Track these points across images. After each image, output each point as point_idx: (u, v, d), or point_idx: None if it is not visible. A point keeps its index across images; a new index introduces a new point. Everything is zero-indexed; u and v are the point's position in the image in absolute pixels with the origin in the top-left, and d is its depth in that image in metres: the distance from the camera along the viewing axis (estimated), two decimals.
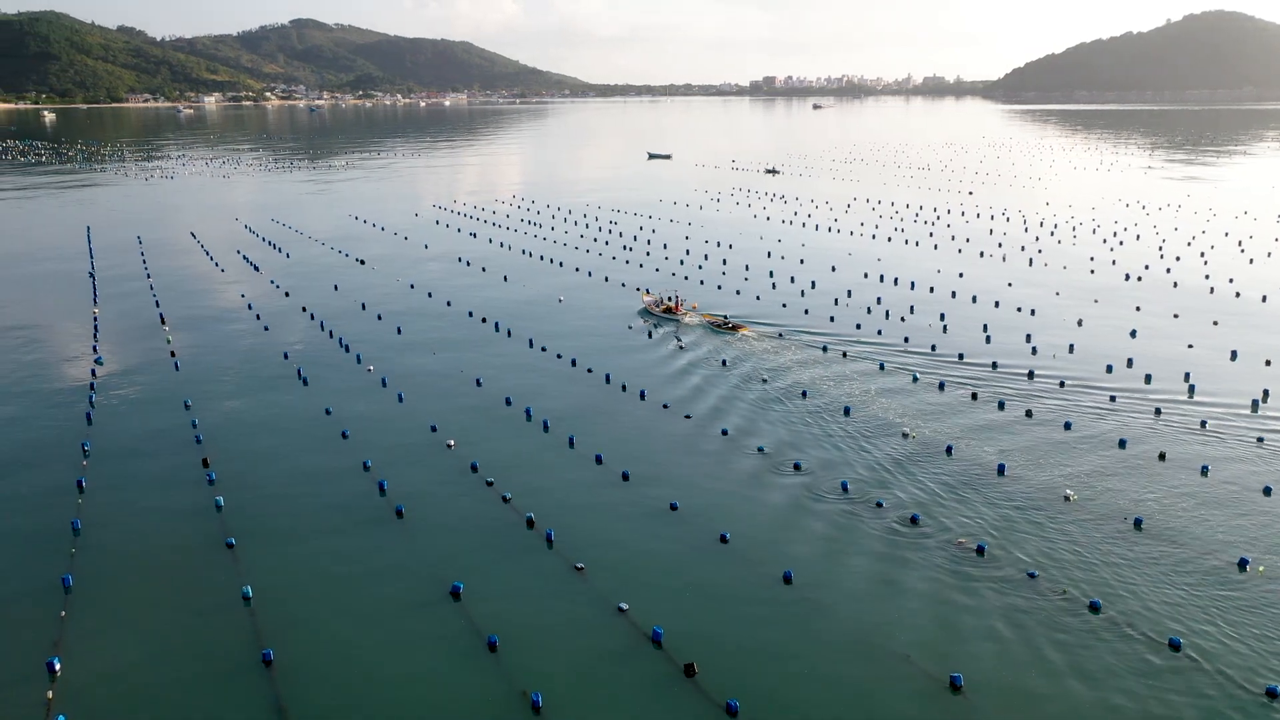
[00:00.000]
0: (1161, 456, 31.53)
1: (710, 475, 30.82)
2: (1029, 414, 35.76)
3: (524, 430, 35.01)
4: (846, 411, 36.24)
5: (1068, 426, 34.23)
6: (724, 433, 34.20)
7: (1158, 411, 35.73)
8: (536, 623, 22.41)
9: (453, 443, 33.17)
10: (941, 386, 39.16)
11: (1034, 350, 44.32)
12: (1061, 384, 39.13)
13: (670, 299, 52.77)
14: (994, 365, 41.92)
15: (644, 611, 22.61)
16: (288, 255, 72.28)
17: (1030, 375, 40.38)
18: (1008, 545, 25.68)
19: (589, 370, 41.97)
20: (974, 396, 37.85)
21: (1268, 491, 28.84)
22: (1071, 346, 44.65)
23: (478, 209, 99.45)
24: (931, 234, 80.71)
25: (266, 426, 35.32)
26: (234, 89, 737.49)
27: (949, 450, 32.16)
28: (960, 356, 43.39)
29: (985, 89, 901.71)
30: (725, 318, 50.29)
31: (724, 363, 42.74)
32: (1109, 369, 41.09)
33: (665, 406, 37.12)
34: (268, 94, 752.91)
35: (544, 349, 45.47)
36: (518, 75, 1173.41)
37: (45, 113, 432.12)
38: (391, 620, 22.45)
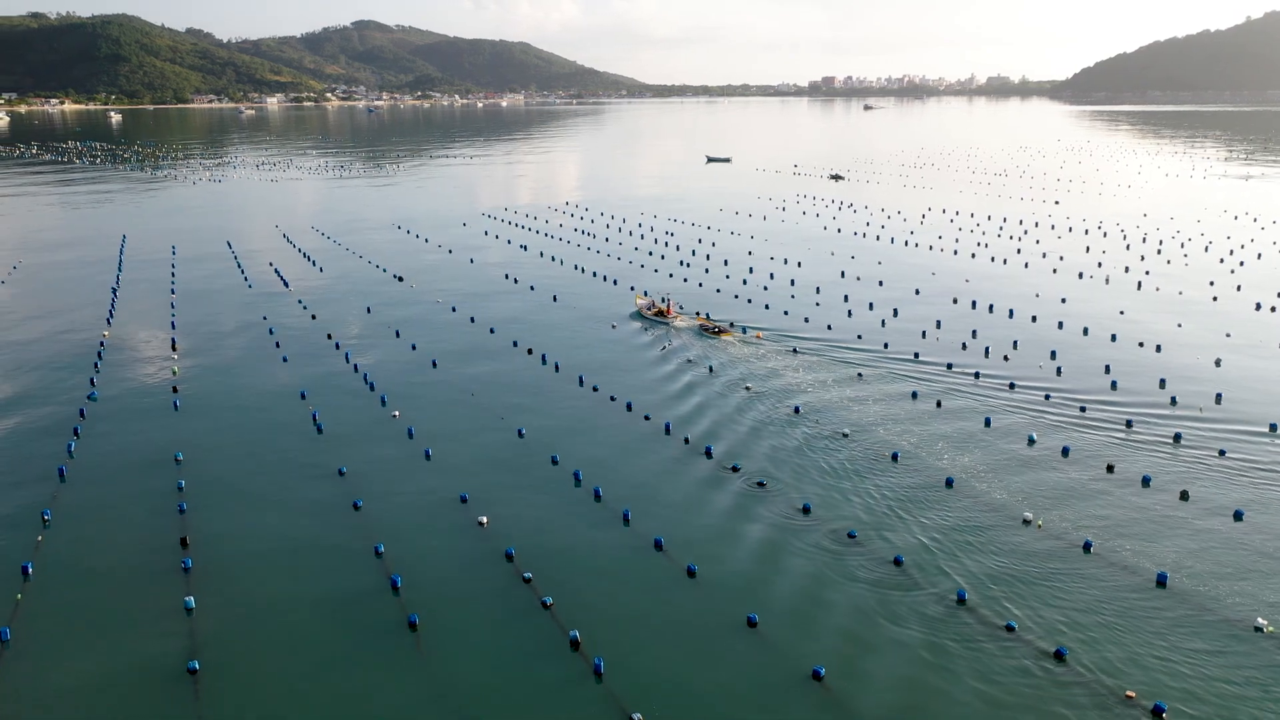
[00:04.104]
0: None
1: (792, 573, 24.86)
2: (1184, 496, 28.99)
3: (571, 500, 29.44)
4: (949, 484, 30.04)
5: (1239, 517, 27.44)
6: (806, 510, 28.26)
7: None
8: None
9: (485, 520, 27.67)
10: (1066, 453, 32.48)
11: (1173, 400, 37.41)
12: (1221, 453, 32.09)
13: (663, 301, 53.26)
14: (1129, 424, 35.02)
15: None
16: (321, 269, 67.67)
17: (1177, 439, 33.41)
18: (1194, 704, 19.34)
19: (646, 418, 36.32)
20: (1110, 469, 31.07)
21: None
22: (1219, 396, 37.64)
23: (529, 217, 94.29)
24: (1019, 250, 73.42)
25: (266, 493, 30.06)
26: (296, 90, 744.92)
27: (1087, 547, 25.76)
28: (1083, 409, 36.68)
29: (1052, 89, 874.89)
30: (708, 316, 52.04)
31: (796, 409, 36.76)
32: (1274, 428, 34.05)
33: (735, 469, 31.30)
34: (328, 95, 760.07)
35: (595, 388, 39.92)
36: (575, 76, 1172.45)
37: (112, 114, 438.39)
38: None
